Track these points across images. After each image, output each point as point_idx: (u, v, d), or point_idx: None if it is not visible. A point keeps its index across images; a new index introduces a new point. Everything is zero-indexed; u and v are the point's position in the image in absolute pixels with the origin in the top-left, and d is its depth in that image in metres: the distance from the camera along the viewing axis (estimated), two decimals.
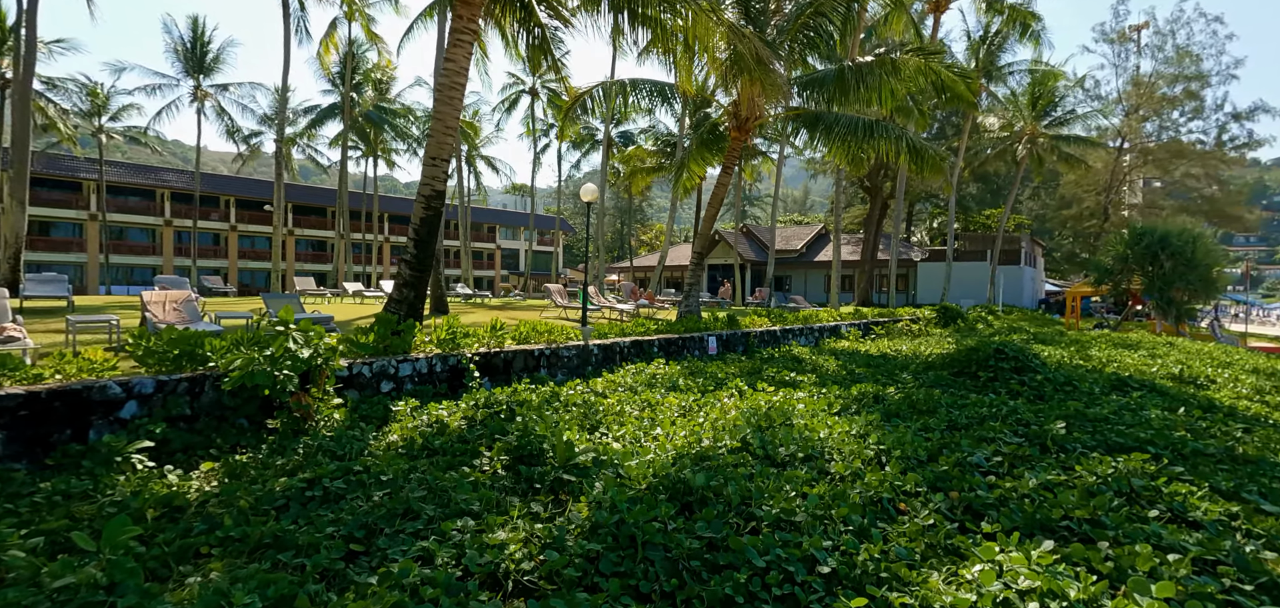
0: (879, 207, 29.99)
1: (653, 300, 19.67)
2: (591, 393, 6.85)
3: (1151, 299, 22.63)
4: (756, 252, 40.04)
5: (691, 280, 14.03)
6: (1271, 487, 4.60)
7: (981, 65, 27.24)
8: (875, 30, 23.64)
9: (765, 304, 24.45)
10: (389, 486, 3.78)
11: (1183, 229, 22.83)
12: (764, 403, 6.26)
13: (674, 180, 16.18)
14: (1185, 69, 38.19)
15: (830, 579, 2.81)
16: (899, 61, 12.56)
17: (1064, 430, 5.46)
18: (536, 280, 53.11)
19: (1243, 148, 39.11)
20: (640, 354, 9.85)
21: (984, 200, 46.23)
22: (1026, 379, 7.94)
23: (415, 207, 9.02)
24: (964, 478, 4.21)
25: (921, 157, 13.43)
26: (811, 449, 4.66)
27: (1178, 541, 3.33)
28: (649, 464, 4.15)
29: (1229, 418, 6.96)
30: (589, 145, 43.06)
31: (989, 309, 24.53)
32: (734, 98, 13.44)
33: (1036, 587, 2.65)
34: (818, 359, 10.47)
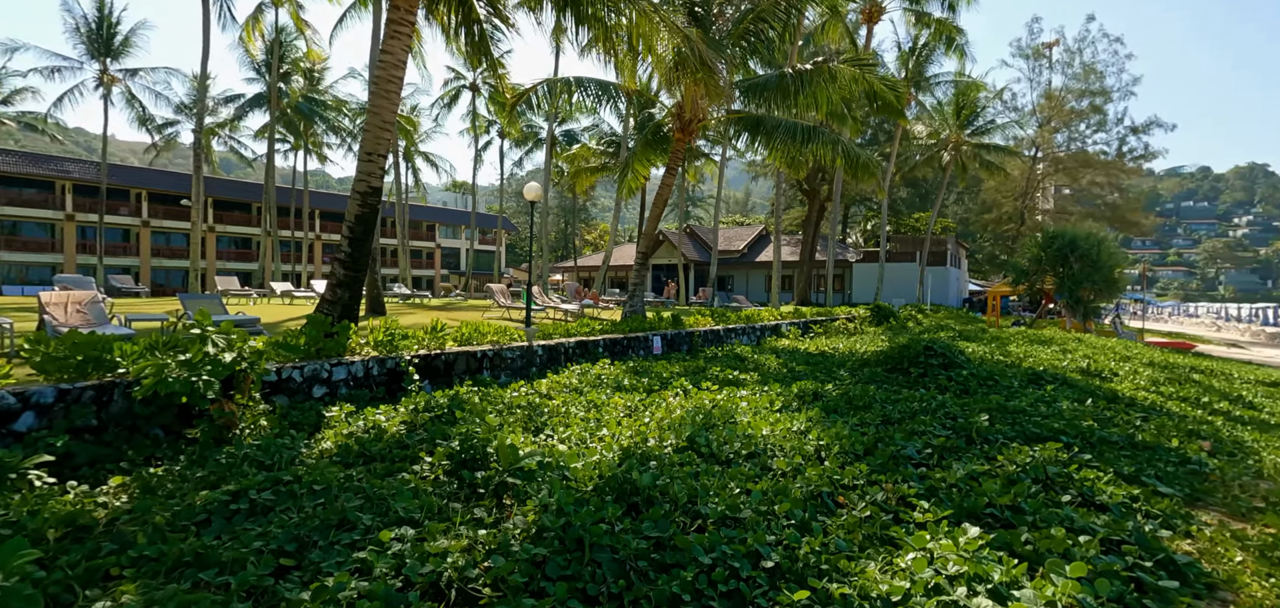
0: (817, 209, 30.98)
1: (597, 300, 19.63)
2: (536, 394, 6.76)
3: (1062, 298, 24.37)
4: (700, 252, 40.60)
5: (636, 280, 14.08)
6: (1166, 471, 5.02)
7: (911, 76, 28.57)
8: (813, 38, 24.42)
9: (708, 304, 24.82)
10: (322, 495, 3.61)
11: (1089, 234, 24.68)
12: (708, 402, 6.35)
13: (618, 180, 16.20)
14: (1091, 85, 41.34)
15: (774, 574, 2.88)
16: (836, 69, 13.01)
17: (987, 423, 5.79)
18: (478, 280, 52.04)
19: (1140, 159, 42.65)
20: (585, 355, 9.81)
21: (913, 204, 48.53)
22: (953, 375, 8.37)
23: (350, 203, 8.66)
24: (898, 470, 4.40)
25: (856, 162, 13.97)
26: (755, 447, 4.76)
27: (1088, 523, 3.59)
28: (595, 465, 4.13)
29: (1129, 408, 7.56)
30: (532, 143, 42.56)
31: (918, 308, 25.74)
32: (678, 99, 13.57)
33: (964, 572, 2.80)
34: (760, 358, 10.70)
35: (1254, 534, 3.94)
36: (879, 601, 2.65)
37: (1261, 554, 3.62)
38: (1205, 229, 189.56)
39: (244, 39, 25.97)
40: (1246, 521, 4.23)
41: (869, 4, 25.50)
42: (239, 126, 36.94)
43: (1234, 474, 5.24)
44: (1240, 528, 4.07)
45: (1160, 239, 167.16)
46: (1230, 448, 6.14)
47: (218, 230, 46.57)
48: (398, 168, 33.67)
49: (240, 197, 48.12)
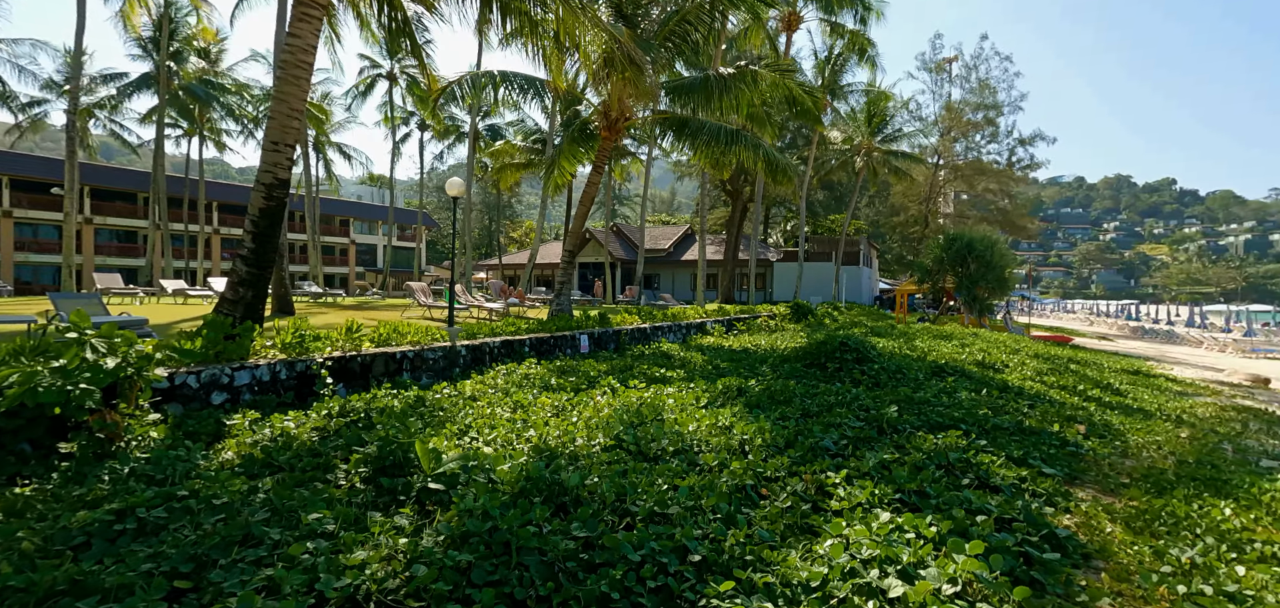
0: (740, 210, 31.86)
1: (523, 299, 19.31)
2: (460, 396, 6.57)
3: (961, 296, 26.30)
4: (626, 250, 40.79)
5: (563, 279, 13.96)
6: (1049, 453, 5.52)
7: (827, 83, 29.93)
8: (736, 42, 25.08)
9: (635, 302, 24.98)
10: (223, 510, 3.35)
11: (984, 236, 26.78)
12: (636, 400, 6.39)
13: (544, 177, 16.01)
14: (985, 99, 44.82)
15: (701, 567, 2.94)
16: (758, 74, 13.42)
17: (896, 414, 6.16)
18: (397, 278, 49.90)
19: (1026, 168, 46.67)
20: (511, 354, 9.63)
21: (829, 206, 50.87)
22: (866, 369, 8.85)
23: (253, 196, 8.07)
24: (816, 461, 4.60)
25: (776, 165, 14.48)
26: (682, 443, 4.84)
27: (984, 503, 3.89)
28: (522, 467, 4.06)
29: (1018, 397, 8.26)
30: (454, 137, 41.30)
31: (834, 305, 27.03)
32: (605, 98, 13.57)
33: (877, 555, 2.97)
34: (686, 355, 10.88)
35: (1121, 508, 4.41)
36: (800, 587, 2.76)
37: (1127, 525, 4.06)
38: (1080, 233, 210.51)
39: (126, 12, 23.64)
40: (1115, 496, 4.73)
41: (788, 13, 26.47)
42: (122, 108, 33.51)
43: (1105, 454, 5.84)
44: (1110, 502, 4.54)
45: (1043, 242, 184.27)
46: (1101, 430, 6.84)
47: (97, 222, 42.21)
48: (307, 159, 31.70)
49: (124, 186, 43.80)
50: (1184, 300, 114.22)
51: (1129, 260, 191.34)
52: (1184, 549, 3.53)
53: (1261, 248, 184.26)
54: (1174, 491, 4.71)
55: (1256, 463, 6.16)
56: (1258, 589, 3.02)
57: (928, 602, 2.61)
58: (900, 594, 2.67)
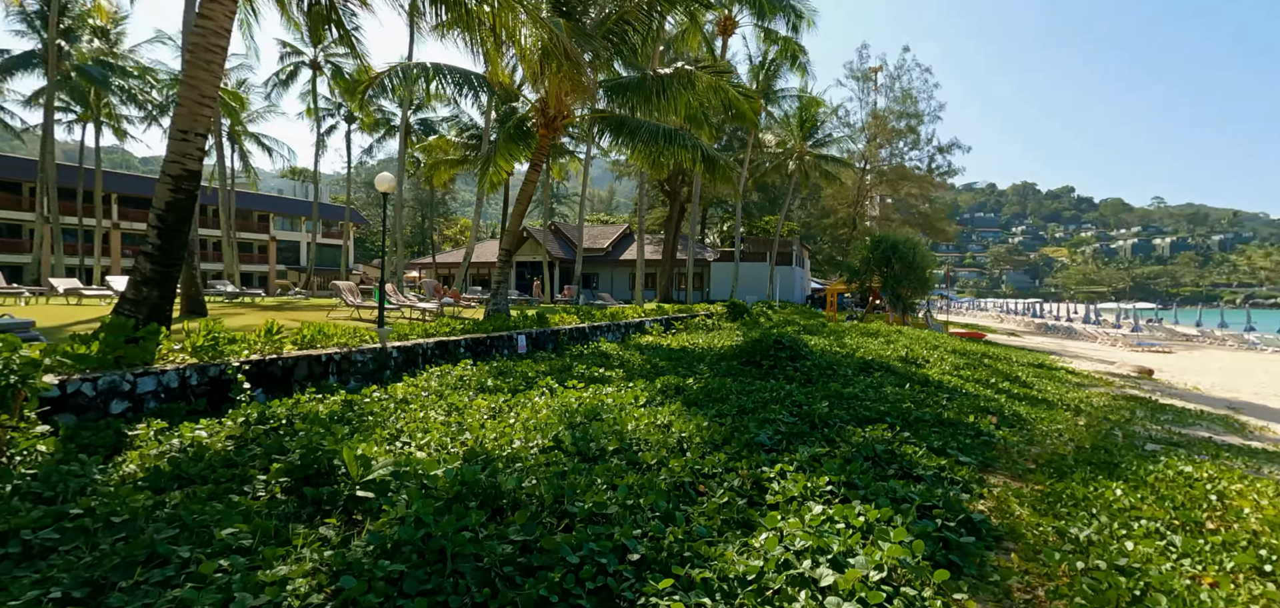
0: (677, 210, 32.21)
1: (458, 299, 18.82)
2: (391, 400, 6.33)
3: (887, 295, 27.61)
4: (565, 249, 40.47)
5: (500, 278, 13.70)
6: (965, 442, 5.87)
7: (761, 87, 30.70)
8: (673, 44, 25.34)
9: (574, 302, 24.82)
10: (124, 528, 3.08)
11: (907, 238, 28.22)
12: (575, 400, 6.35)
13: (480, 175, 15.65)
14: (908, 108, 47.17)
15: (640, 566, 2.95)
16: (695, 76, 13.60)
17: (827, 409, 6.39)
18: (323, 277, 47.57)
19: (945, 175, 49.45)
20: (446, 355, 9.36)
21: (764, 208, 52.23)
22: (799, 366, 9.14)
23: (159, 188, 7.48)
24: (752, 457, 4.70)
25: (713, 166, 14.72)
26: (622, 442, 4.84)
27: (907, 492, 4.10)
28: (457, 471, 3.95)
29: (938, 390, 8.75)
30: (385, 131, 39.76)
31: (769, 304, 27.78)
32: (542, 94, 13.41)
33: (809, 546, 3.07)
34: (625, 354, 10.91)
35: (1028, 491, 4.74)
36: (737, 580, 2.82)
37: (1033, 507, 4.37)
38: (992, 237, 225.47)
39: None
40: (1023, 480, 5.08)
41: (724, 17, 26.98)
42: (3, 89, 30.32)
43: (1014, 443, 6.26)
44: (1019, 487, 4.87)
45: (959, 244, 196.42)
46: (1011, 420, 7.33)
47: None
48: (221, 149, 29.71)
49: (7, 174, 39.70)
50: (1081, 299, 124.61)
51: (1034, 262, 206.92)
52: (1082, 528, 3.84)
53: (1146, 251, 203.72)
54: (1073, 474, 5.10)
55: (1142, 447, 6.77)
56: (1143, 562, 3.32)
57: (856, 589, 2.72)
58: (831, 583, 2.77)
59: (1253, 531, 3.93)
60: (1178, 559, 3.43)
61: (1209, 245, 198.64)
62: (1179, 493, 4.63)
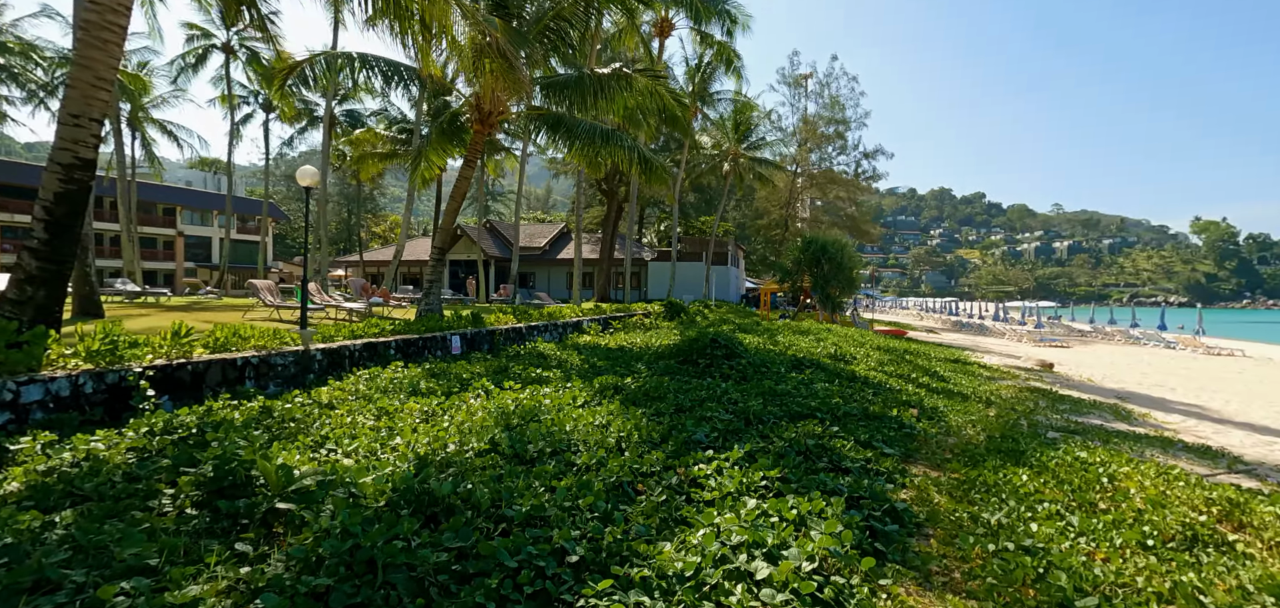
0: (615, 209, 32.25)
1: (388, 298, 18.12)
2: (315, 405, 6.02)
3: (817, 294, 28.64)
4: (500, 248, 39.73)
5: (432, 277, 13.29)
6: (889, 435, 6.16)
7: (697, 90, 31.17)
8: (611, 44, 25.34)
9: (510, 301, 24.41)
10: (5, 552, 2.79)
11: (835, 240, 29.36)
12: (511, 402, 6.24)
13: (411, 170, 15.12)
14: (836, 114, 49.13)
15: (579, 567, 2.93)
16: (633, 77, 13.65)
17: (761, 405, 6.56)
18: (238, 275, 44.66)
19: (870, 179, 51.83)
20: (375, 357, 8.99)
21: (700, 208, 53.08)
22: (734, 364, 9.34)
23: (47, 177, 6.81)
24: (689, 454, 4.77)
25: (650, 167, 14.83)
26: (559, 443, 4.80)
27: (837, 484, 4.26)
28: (388, 478, 3.80)
29: (865, 385, 9.15)
30: (308, 122, 37.75)
31: (705, 303, 28.25)
32: (477, 89, 13.10)
33: (745, 540, 3.14)
34: (563, 354, 10.82)
35: (946, 480, 5.03)
36: (675, 577, 2.85)
37: (950, 495, 4.64)
38: (912, 239, 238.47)
39: None
40: (941, 470, 5.39)
41: (661, 19, 27.22)
42: None
43: (933, 434, 6.63)
44: (937, 476, 5.17)
45: (883, 246, 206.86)
46: (931, 413, 7.76)
47: None
48: (119, 136, 27.39)
49: None
50: (992, 298, 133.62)
51: (950, 263, 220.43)
52: (993, 513, 4.11)
53: (1047, 253, 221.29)
54: (985, 463, 5.46)
55: (1044, 435, 7.33)
56: (1046, 541, 3.60)
57: (790, 580, 2.81)
58: (766, 575, 2.85)
59: (1137, 509, 4.33)
60: (1075, 538, 3.73)
61: (1100, 249, 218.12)
62: (1076, 477, 5.04)
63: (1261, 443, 9.27)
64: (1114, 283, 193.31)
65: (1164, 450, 7.51)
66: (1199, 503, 4.62)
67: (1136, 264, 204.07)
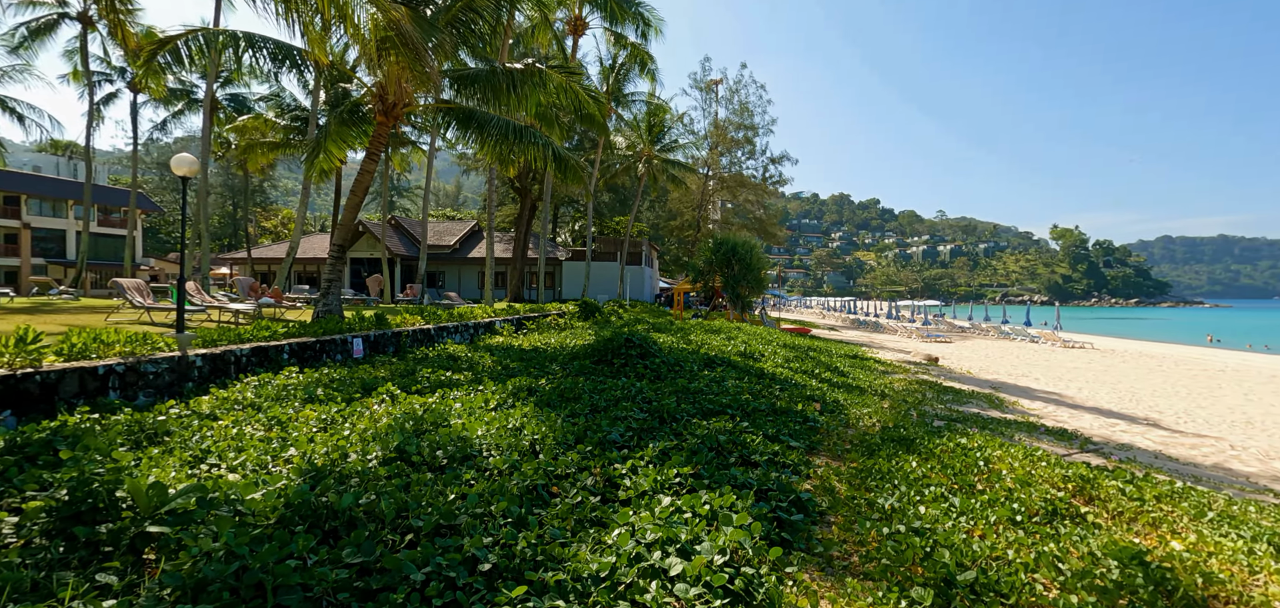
0: (528, 208, 31.72)
1: (280, 299, 16.84)
2: (195, 416, 5.49)
3: (727, 294, 29.53)
4: (407, 246, 38.00)
5: (331, 275, 12.49)
6: (795, 428, 6.45)
7: (612, 89, 31.28)
8: (523, 40, 24.90)
9: (418, 301, 23.41)
10: None
11: (745, 241, 30.39)
12: (419, 406, 5.99)
13: (307, 162, 14.10)
14: (745, 120, 50.89)
15: (491, 575, 2.85)
16: (546, 74, 13.46)
17: (675, 403, 6.68)
18: (99, 273, 39.97)
19: (777, 184, 54.09)
20: (265, 362, 8.33)
21: (614, 208, 53.31)
22: (649, 363, 9.44)
23: None
24: (604, 455, 4.77)
25: (565, 166, 14.69)
26: (470, 448, 4.65)
27: (747, 478, 4.41)
28: (280, 492, 3.53)
29: (772, 382, 9.53)
30: (185, 104, 34.38)
31: (620, 303, 28.39)
32: (381, 79, 12.44)
33: (659, 537, 3.19)
34: (474, 356, 10.50)
35: (846, 469, 5.34)
36: (590, 578, 2.84)
37: (850, 483, 4.93)
38: (815, 241, 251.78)
39: None
40: (841, 460, 5.71)
41: (574, 17, 27.07)
42: None
43: (834, 426, 7.01)
44: (838, 466, 5.47)
45: (789, 248, 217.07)
46: (832, 407, 8.21)
47: None
48: None
49: None
50: (885, 297, 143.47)
51: (849, 264, 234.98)
52: (887, 498, 4.41)
53: (933, 256, 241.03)
54: (880, 452, 5.85)
55: (931, 424, 7.95)
56: (933, 522, 3.90)
57: (702, 574, 2.87)
58: (680, 571, 2.90)
59: (1008, 488, 4.79)
60: (957, 518, 4.07)
61: (977, 253, 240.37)
62: (958, 462, 5.51)
63: (1106, 424, 10.56)
64: (989, 283, 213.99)
65: (1029, 434, 8.37)
66: (1058, 480, 5.19)
67: (1007, 266, 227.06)
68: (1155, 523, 4.45)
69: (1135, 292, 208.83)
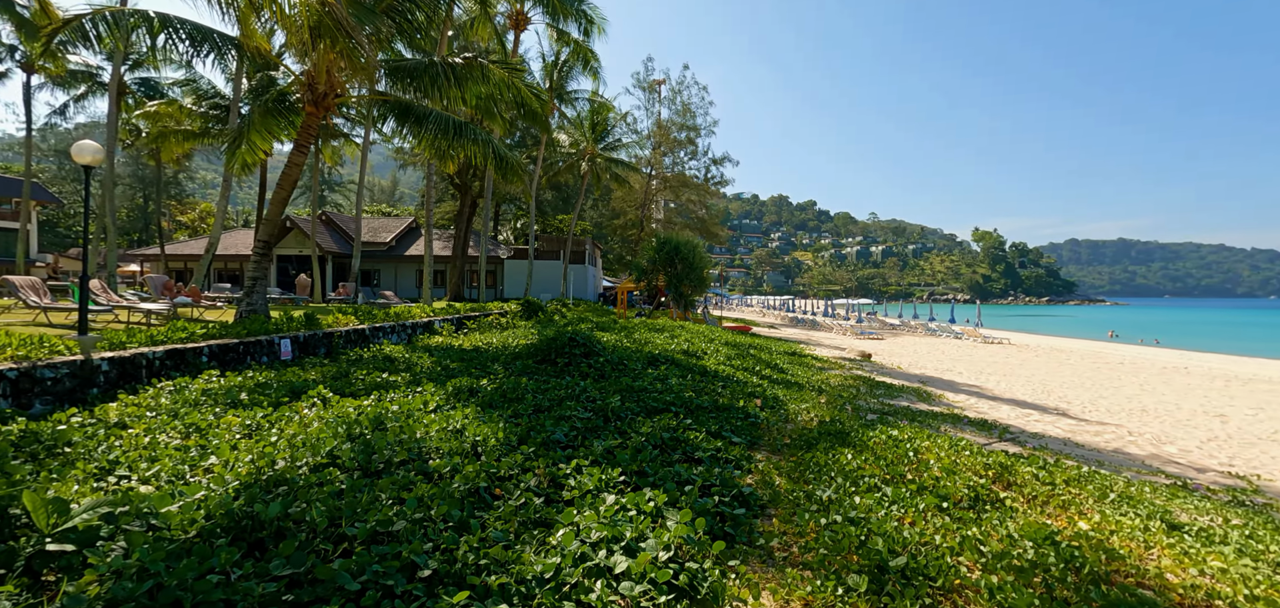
0: (469, 205, 31.01)
1: (199, 298, 15.81)
2: (101, 425, 5.08)
3: (671, 293, 29.81)
4: (340, 243, 36.43)
5: (256, 273, 11.83)
6: (737, 425, 6.58)
7: (555, 87, 30.97)
8: (463, 32, 24.31)
9: (351, 300, 22.49)
10: None
11: (688, 241, 30.75)
12: (354, 409, 5.75)
13: (228, 152, 13.28)
14: (687, 121, 51.47)
15: (432, 581, 2.77)
16: (488, 68, 13.18)
17: (619, 402, 6.68)
18: None
19: (719, 184, 54.99)
20: (182, 366, 7.80)
21: (558, 206, 52.83)
22: (593, 362, 9.42)
23: None
24: (549, 455, 4.72)
25: (506, 163, 14.44)
26: (410, 452, 4.51)
27: (690, 474, 4.47)
28: (200, 503, 3.32)
29: (714, 379, 9.69)
30: (88, 87, 31.69)
31: (563, 302, 28.17)
32: (310, 67, 11.86)
33: (605, 536, 3.18)
34: (412, 357, 10.18)
35: (785, 463, 5.49)
36: (534, 580, 2.80)
37: (789, 476, 5.08)
38: (755, 241, 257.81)
39: None
40: (781, 454, 5.87)
41: (516, 12, 26.64)
42: None
43: (774, 421, 7.20)
44: (778, 460, 5.62)
45: (730, 247, 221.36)
46: (772, 402, 8.42)
47: None
48: None
49: None
50: (822, 296, 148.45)
51: (788, 264, 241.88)
52: (824, 490, 4.56)
53: (866, 256, 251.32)
54: (818, 445, 6.05)
55: (865, 417, 8.29)
56: (867, 512, 4.07)
57: (647, 570, 2.89)
58: (625, 568, 2.91)
59: (935, 477, 5.05)
60: (889, 507, 4.26)
61: (906, 253, 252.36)
62: (890, 453, 5.76)
63: (1022, 415, 11.30)
64: (917, 282, 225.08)
65: (954, 425, 8.85)
66: (980, 468, 5.51)
67: (933, 267, 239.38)
68: (1065, 505, 4.79)
69: (1047, 290, 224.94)
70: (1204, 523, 4.91)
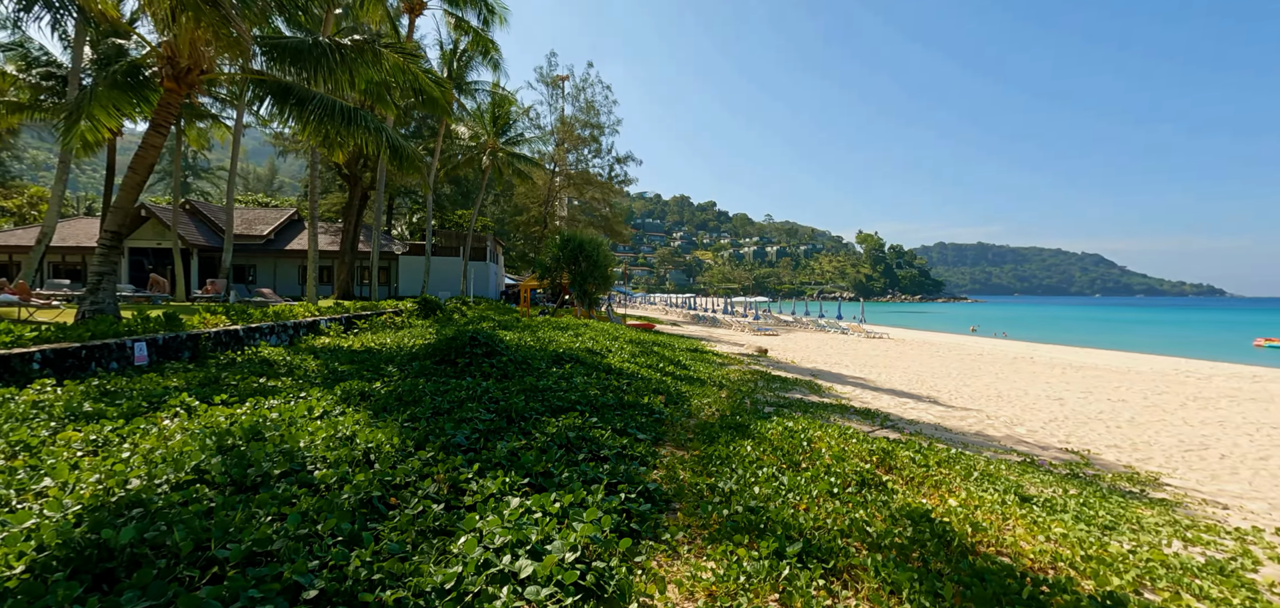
0: (359, 197, 29.16)
1: (28, 296, 13.71)
2: None
3: (574, 290, 29.64)
4: (208, 235, 32.97)
5: (103, 267, 10.45)
6: (642, 421, 6.65)
7: (454, 77, 29.79)
8: (352, 12, 22.77)
9: (222, 298, 20.44)
10: None
11: (592, 238, 30.70)
12: (225, 418, 5.21)
13: (65, 129, 11.59)
14: (591, 118, 51.40)
15: (318, 602, 2.56)
16: (381, 52, 12.44)
17: (523, 402, 6.54)
18: None
19: (622, 183, 55.36)
20: (7, 374, 6.72)
21: (457, 201, 50.94)
22: (495, 362, 9.15)
23: None
24: (449, 459, 4.52)
25: (401, 153, 13.70)
26: (293, 462, 4.15)
27: (597, 473, 4.45)
28: (29, 534, 2.86)
29: (619, 376, 9.74)
30: None
31: (463, 300, 27.18)
32: (170, 38, 10.62)
33: (509, 540, 3.09)
34: (295, 360, 9.41)
35: (689, 457, 5.61)
36: (434, 592, 2.67)
37: (693, 470, 5.19)
38: (658, 240, 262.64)
39: None
40: (685, 449, 6.00)
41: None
42: None
43: (678, 417, 7.34)
44: (682, 455, 5.74)
45: (634, 246, 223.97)
46: (676, 398, 8.59)
47: None
48: None
49: None
50: (722, 294, 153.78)
51: (690, 262, 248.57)
52: (726, 482, 4.71)
53: (762, 256, 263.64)
54: (719, 439, 6.24)
55: (762, 410, 8.66)
56: (765, 501, 4.24)
57: (553, 573, 2.84)
58: (530, 572, 2.84)
59: (826, 464, 5.36)
60: (786, 494, 4.47)
61: (799, 254, 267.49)
62: (786, 443, 6.06)
63: (900, 403, 12.29)
64: (808, 281, 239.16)
65: (842, 415, 9.46)
66: (865, 455, 5.92)
67: (822, 267, 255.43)
68: (937, 485, 5.26)
69: (920, 289, 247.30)
70: (1049, 495, 5.57)
